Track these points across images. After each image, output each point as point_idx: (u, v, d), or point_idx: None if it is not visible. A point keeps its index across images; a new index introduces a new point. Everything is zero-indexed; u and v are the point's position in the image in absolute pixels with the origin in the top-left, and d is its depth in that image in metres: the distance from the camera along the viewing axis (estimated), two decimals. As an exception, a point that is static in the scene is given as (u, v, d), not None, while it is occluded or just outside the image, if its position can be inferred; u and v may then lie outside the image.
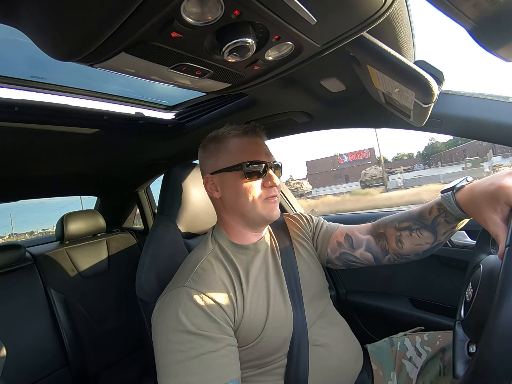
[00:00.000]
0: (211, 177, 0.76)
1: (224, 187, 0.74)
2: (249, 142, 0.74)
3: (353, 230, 0.85)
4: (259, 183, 0.72)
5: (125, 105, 1.08)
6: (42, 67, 0.83)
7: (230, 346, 0.61)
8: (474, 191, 0.58)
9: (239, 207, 0.73)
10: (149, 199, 2.06)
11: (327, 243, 0.86)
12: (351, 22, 0.46)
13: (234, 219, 0.76)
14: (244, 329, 0.65)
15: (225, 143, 0.75)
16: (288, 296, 0.74)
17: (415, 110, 0.65)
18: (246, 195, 0.71)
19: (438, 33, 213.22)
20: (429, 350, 0.81)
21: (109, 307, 1.63)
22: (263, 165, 0.72)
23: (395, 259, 0.79)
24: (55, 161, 1.30)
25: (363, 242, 0.82)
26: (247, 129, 0.75)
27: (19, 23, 0.43)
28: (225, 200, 0.76)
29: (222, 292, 0.65)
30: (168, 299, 0.63)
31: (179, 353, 0.56)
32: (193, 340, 0.57)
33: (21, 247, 1.46)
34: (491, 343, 0.40)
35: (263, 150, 0.75)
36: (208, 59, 0.50)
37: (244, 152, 0.72)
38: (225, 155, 0.74)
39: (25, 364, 1.28)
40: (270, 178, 0.72)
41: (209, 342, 0.58)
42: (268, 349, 0.67)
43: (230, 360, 0.60)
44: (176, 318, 0.58)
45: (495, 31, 0.39)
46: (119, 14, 0.35)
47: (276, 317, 0.69)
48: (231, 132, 0.75)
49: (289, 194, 1.60)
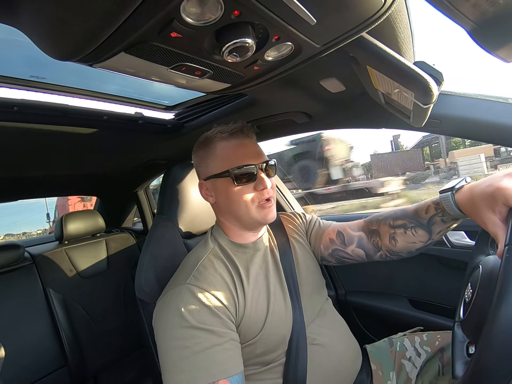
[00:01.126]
0: (204, 183, 0.76)
1: (217, 193, 0.74)
2: (236, 145, 0.72)
3: (344, 227, 0.86)
4: (251, 187, 0.70)
5: (125, 105, 1.08)
6: (41, 66, 0.83)
7: (233, 341, 0.61)
8: (473, 192, 0.59)
9: (233, 212, 0.73)
10: (149, 199, 2.06)
11: (319, 240, 0.87)
12: (351, 22, 0.46)
13: (231, 221, 0.76)
14: (245, 326, 0.65)
15: (212, 148, 0.73)
16: (288, 295, 0.75)
17: (415, 110, 0.66)
18: (238, 200, 0.70)
19: (438, 34, 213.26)
20: (428, 350, 0.82)
21: (108, 307, 1.63)
22: (252, 168, 0.70)
23: (387, 256, 0.80)
24: (54, 161, 1.29)
25: (355, 239, 0.83)
26: (234, 130, 0.73)
27: (18, 23, 0.42)
28: (219, 205, 0.76)
29: (223, 289, 0.65)
30: (169, 298, 0.63)
31: (184, 349, 0.56)
32: (197, 335, 0.57)
33: (20, 247, 1.46)
34: (490, 344, 0.40)
35: (252, 151, 0.73)
36: (207, 59, 0.50)
37: (231, 157, 0.71)
38: (213, 161, 0.73)
39: (24, 364, 1.28)
40: (261, 181, 0.70)
41: (213, 336, 0.58)
42: (267, 346, 0.67)
43: (234, 354, 0.60)
44: (179, 315, 0.58)
45: (495, 32, 0.39)
46: (118, 14, 0.35)
47: (276, 315, 0.70)
48: (217, 136, 0.73)
49: (287, 192, 1.60)
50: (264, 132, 1.21)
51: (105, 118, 0.96)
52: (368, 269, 1.31)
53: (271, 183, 0.73)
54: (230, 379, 0.56)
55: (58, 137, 1.01)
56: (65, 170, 1.47)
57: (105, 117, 0.96)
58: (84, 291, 1.57)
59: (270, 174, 0.74)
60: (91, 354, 1.50)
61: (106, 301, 1.63)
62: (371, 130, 1.03)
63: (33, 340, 1.34)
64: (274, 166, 0.76)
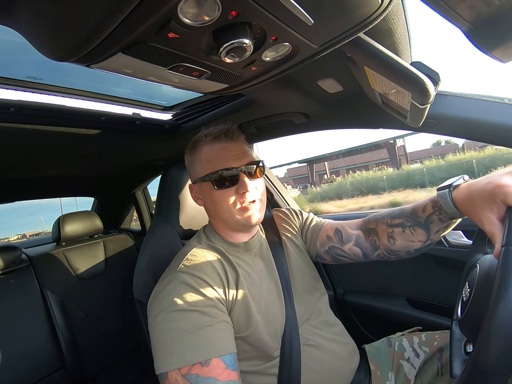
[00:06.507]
0: (193, 186, 0.78)
1: (204, 196, 0.76)
2: (218, 148, 0.72)
3: (343, 225, 0.86)
4: (233, 191, 0.70)
5: (122, 106, 1.08)
6: (38, 67, 0.83)
7: (225, 323, 0.61)
8: (471, 190, 0.58)
9: (218, 215, 0.74)
10: (147, 200, 2.05)
11: (316, 237, 0.87)
12: (348, 23, 0.46)
13: (220, 223, 0.77)
14: (235, 317, 0.65)
15: (197, 152, 0.74)
16: (282, 292, 0.75)
17: (412, 110, 0.66)
18: (221, 204, 0.71)
19: (435, 35, 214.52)
20: (427, 351, 0.82)
21: (106, 309, 1.62)
22: (232, 171, 0.69)
23: (385, 255, 0.80)
24: (51, 162, 1.29)
25: (353, 237, 0.83)
26: (218, 133, 0.73)
27: (15, 23, 0.42)
28: (206, 208, 0.78)
29: (213, 275, 0.65)
30: (161, 287, 0.63)
31: (176, 330, 0.56)
32: (189, 316, 0.57)
33: (17, 249, 1.45)
34: (488, 342, 0.40)
35: (234, 154, 0.72)
36: (205, 59, 0.50)
37: (213, 161, 0.71)
38: (198, 165, 0.74)
39: (21, 367, 1.27)
40: (242, 184, 0.69)
41: (205, 317, 0.58)
42: (260, 343, 0.67)
43: (227, 334, 0.60)
44: (170, 300, 0.59)
45: (491, 32, 0.39)
46: (115, 15, 0.35)
47: (269, 311, 0.70)
48: (202, 140, 0.74)
49: (282, 189, 1.60)
50: (262, 132, 1.21)
51: (103, 119, 0.96)
52: (366, 268, 1.31)
53: (258, 184, 0.73)
54: (222, 358, 0.55)
55: (55, 138, 1.00)
56: (62, 171, 1.46)
57: (103, 118, 0.96)
58: (82, 292, 1.57)
59: (257, 175, 0.74)
60: (89, 356, 1.50)
61: (104, 303, 1.62)
62: (363, 130, 1.04)
63: (31, 342, 1.33)
64: (261, 167, 0.76)
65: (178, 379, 0.53)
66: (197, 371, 0.53)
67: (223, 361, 0.55)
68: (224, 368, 0.54)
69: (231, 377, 0.54)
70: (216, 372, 0.53)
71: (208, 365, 0.53)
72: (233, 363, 0.57)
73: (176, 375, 0.53)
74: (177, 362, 0.53)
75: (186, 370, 0.53)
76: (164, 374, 0.54)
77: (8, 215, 16.06)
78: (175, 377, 0.53)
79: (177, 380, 0.53)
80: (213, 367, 0.54)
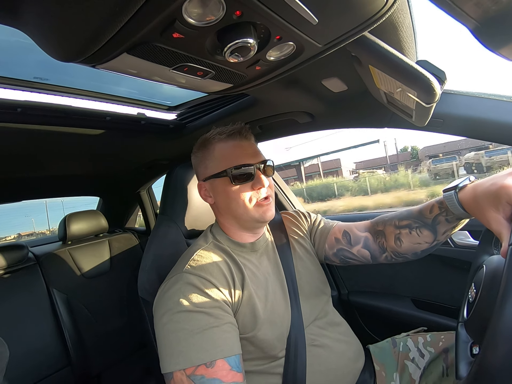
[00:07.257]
0: (203, 183, 0.78)
1: (216, 193, 0.76)
2: (233, 145, 0.74)
3: (351, 227, 0.85)
4: (248, 186, 0.72)
5: (127, 106, 1.09)
6: (44, 68, 0.84)
7: (231, 324, 0.61)
8: (477, 191, 0.59)
9: (231, 211, 0.74)
10: (151, 200, 2.06)
11: (324, 239, 0.87)
12: (353, 22, 0.46)
13: (230, 222, 0.77)
14: (241, 318, 0.65)
15: (211, 149, 0.75)
16: (288, 294, 0.75)
17: (417, 110, 0.65)
18: (237, 200, 0.72)
19: (440, 33, 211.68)
20: (432, 351, 0.81)
21: (111, 307, 1.63)
22: (249, 167, 0.71)
23: (393, 258, 0.79)
24: (58, 162, 1.30)
25: (361, 239, 0.82)
26: (232, 132, 0.75)
27: (22, 25, 0.43)
28: (218, 205, 0.77)
29: (219, 276, 0.66)
30: (167, 287, 0.64)
31: (182, 331, 0.56)
32: (195, 317, 0.57)
33: (24, 247, 1.47)
34: (494, 344, 0.40)
35: (249, 151, 0.74)
36: (209, 59, 0.50)
37: (229, 157, 0.72)
38: (212, 162, 0.74)
39: (28, 364, 1.29)
40: (258, 180, 0.72)
41: (210, 318, 0.58)
42: (265, 344, 0.67)
43: (232, 336, 0.60)
44: (176, 301, 0.59)
45: (498, 30, 0.39)
46: (121, 15, 0.35)
47: (275, 313, 0.70)
48: (216, 137, 0.75)
49: (288, 191, 1.60)
50: (266, 132, 1.21)
51: (108, 119, 0.97)
52: (371, 269, 1.30)
53: (269, 182, 0.75)
54: (227, 359, 0.55)
55: (61, 138, 1.01)
56: (68, 171, 1.48)
57: (108, 118, 0.96)
58: (87, 291, 1.58)
59: (268, 174, 0.76)
60: (94, 353, 1.51)
61: (109, 301, 1.64)
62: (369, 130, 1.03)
63: (37, 339, 1.35)
64: (272, 166, 0.77)
65: (183, 379, 0.53)
66: (202, 372, 0.53)
67: (228, 362, 0.55)
68: (229, 370, 0.55)
69: (236, 379, 0.55)
70: (221, 374, 0.54)
71: (213, 366, 0.54)
72: (238, 364, 0.57)
73: (181, 376, 0.53)
74: (182, 362, 0.54)
75: (191, 371, 0.53)
76: (169, 374, 0.55)
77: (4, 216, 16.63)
78: (180, 377, 0.53)
79: (182, 381, 0.53)
80: (218, 369, 0.54)
